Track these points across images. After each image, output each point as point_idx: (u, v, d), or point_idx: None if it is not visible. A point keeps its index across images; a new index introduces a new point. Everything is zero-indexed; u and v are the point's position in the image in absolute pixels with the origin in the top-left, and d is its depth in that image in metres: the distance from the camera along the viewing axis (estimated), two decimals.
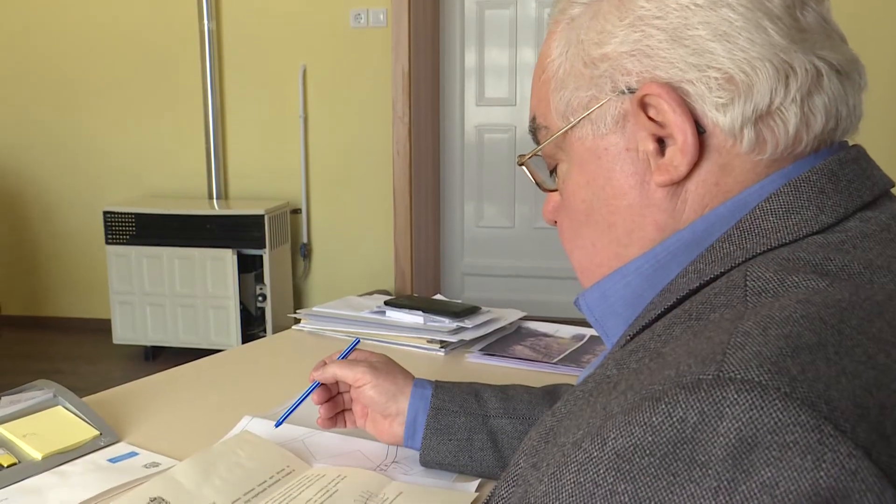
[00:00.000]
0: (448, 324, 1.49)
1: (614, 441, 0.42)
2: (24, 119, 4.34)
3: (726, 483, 0.39)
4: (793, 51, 0.56)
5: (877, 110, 3.38)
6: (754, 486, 0.38)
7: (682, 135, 0.56)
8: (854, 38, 0.62)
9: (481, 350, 1.46)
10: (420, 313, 1.52)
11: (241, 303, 3.80)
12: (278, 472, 0.98)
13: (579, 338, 1.53)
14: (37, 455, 1.01)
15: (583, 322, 1.04)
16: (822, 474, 0.37)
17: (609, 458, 0.42)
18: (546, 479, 0.46)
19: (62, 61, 4.25)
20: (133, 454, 1.05)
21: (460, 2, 4.25)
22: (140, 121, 4.24)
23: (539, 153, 0.68)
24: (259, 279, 3.88)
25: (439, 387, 1.01)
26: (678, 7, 0.56)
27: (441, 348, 1.46)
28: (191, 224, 3.79)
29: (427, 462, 1.00)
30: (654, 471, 0.40)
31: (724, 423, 0.39)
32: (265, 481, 0.96)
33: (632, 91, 0.58)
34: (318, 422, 1.05)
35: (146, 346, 3.95)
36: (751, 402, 0.39)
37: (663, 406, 0.41)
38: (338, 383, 1.06)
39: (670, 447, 0.40)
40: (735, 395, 0.40)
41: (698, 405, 0.40)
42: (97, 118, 4.27)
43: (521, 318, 1.63)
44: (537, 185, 0.72)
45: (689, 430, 0.40)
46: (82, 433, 1.07)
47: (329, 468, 1.01)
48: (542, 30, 4.03)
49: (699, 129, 0.56)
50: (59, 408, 1.12)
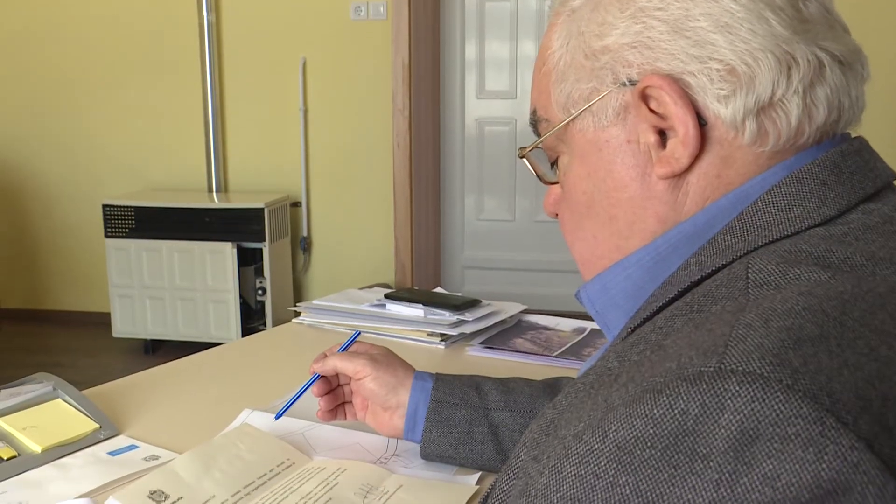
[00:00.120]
0: (448, 317, 1.49)
1: (615, 433, 0.42)
2: (23, 113, 4.33)
3: (728, 475, 0.39)
4: (795, 42, 0.55)
5: (879, 101, 3.37)
6: (756, 478, 0.38)
7: (683, 127, 0.56)
8: (857, 28, 0.62)
9: (482, 343, 1.46)
10: (420, 306, 1.52)
11: (240, 296, 3.81)
12: (278, 465, 0.98)
13: (580, 331, 1.53)
14: (36, 448, 1.02)
15: (583, 315, 1.04)
16: (823, 466, 0.37)
17: (610, 450, 0.42)
18: (547, 472, 0.46)
19: (61, 55, 4.25)
20: (133, 447, 1.05)
21: None
22: (139, 114, 4.23)
23: (540, 146, 0.68)
24: (259, 273, 3.88)
25: (440, 379, 1.01)
26: None
27: (441, 341, 1.46)
28: (190, 217, 3.79)
29: (427, 455, 1.00)
30: (656, 463, 0.40)
31: (726, 416, 0.39)
32: (265, 474, 0.96)
33: (633, 83, 0.58)
34: (318, 414, 1.05)
35: (146, 340, 3.95)
36: (752, 394, 0.39)
37: (665, 398, 0.41)
38: (338, 376, 1.06)
39: (672, 439, 0.40)
40: (737, 388, 0.40)
41: (700, 397, 0.40)
42: (96, 111, 4.26)
43: (522, 312, 1.63)
44: (538, 177, 0.72)
45: (691, 422, 0.40)
46: (82, 426, 1.07)
47: (329, 461, 1.01)
48: (543, 22, 4.02)
49: (701, 121, 0.56)
50: (59, 401, 1.12)
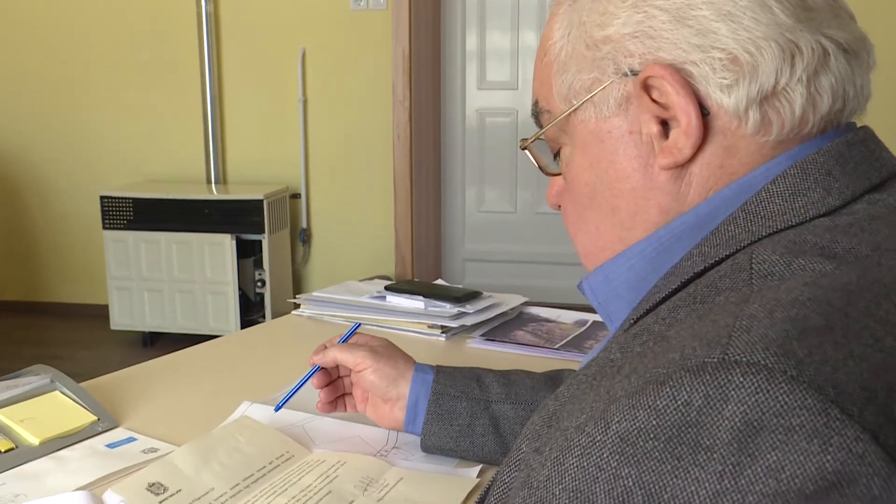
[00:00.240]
0: (449, 309, 1.49)
1: (618, 425, 0.42)
2: (20, 104, 4.32)
3: (731, 467, 0.39)
4: (798, 30, 0.55)
5: (886, 90, 3.35)
6: (760, 469, 0.38)
7: (685, 117, 0.56)
8: (863, 16, 0.62)
9: (483, 335, 1.46)
10: (421, 298, 1.52)
11: (239, 288, 3.80)
12: (278, 458, 0.99)
13: (582, 323, 1.53)
14: (34, 440, 1.02)
15: (585, 308, 1.04)
16: (828, 458, 0.37)
17: (613, 441, 0.42)
18: (549, 464, 0.46)
19: (58, 46, 4.23)
20: (131, 439, 1.05)
21: None
22: (137, 105, 4.22)
23: (542, 137, 0.68)
24: (258, 264, 3.88)
25: (440, 371, 1.01)
26: None
27: (442, 333, 1.46)
28: (189, 209, 3.79)
29: (428, 447, 1.00)
30: (659, 454, 0.40)
31: (730, 407, 0.39)
32: (265, 467, 0.96)
33: (634, 73, 0.58)
34: (318, 406, 1.05)
35: (144, 332, 3.95)
36: (756, 385, 0.39)
37: (668, 389, 0.41)
38: (338, 367, 1.06)
39: (675, 431, 0.40)
40: (740, 379, 0.40)
41: (703, 388, 0.40)
42: (94, 103, 4.25)
43: (523, 304, 1.62)
44: (540, 169, 0.72)
45: (694, 413, 0.40)
46: (80, 418, 1.07)
47: (329, 453, 1.01)
48: (545, 12, 4.02)
49: (703, 111, 0.56)
50: (57, 393, 1.12)
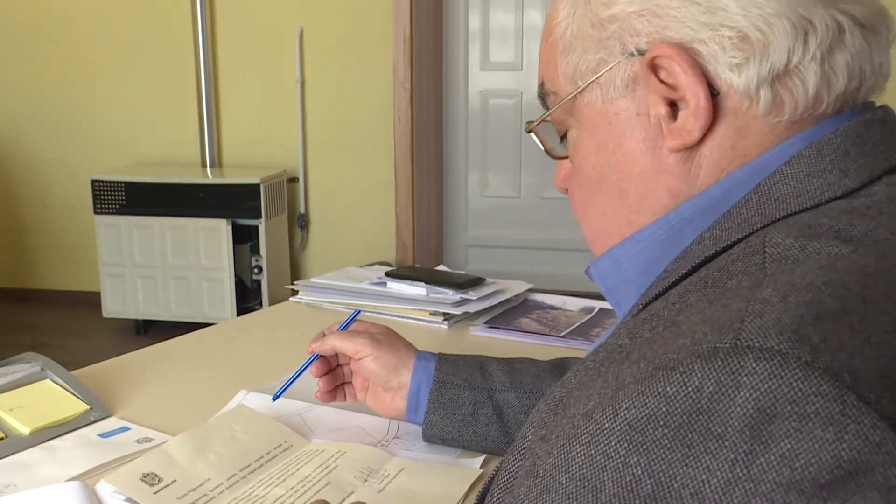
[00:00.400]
0: (451, 295, 1.49)
1: (627, 412, 0.42)
2: (8, 85, 4.31)
3: (744, 455, 0.39)
4: (812, 5, 0.55)
5: None
6: (773, 458, 0.38)
7: (694, 98, 0.56)
8: None
9: (486, 323, 1.46)
10: (422, 284, 1.52)
11: (235, 275, 3.81)
12: (276, 448, 0.99)
13: (588, 310, 1.53)
14: (24, 430, 1.02)
15: (592, 295, 1.04)
16: (844, 446, 0.37)
17: (621, 429, 0.42)
18: (555, 452, 0.46)
19: (48, 24, 4.22)
20: (125, 429, 1.05)
21: None
22: (129, 85, 4.22)
23: (548, 119, 0.68)
24: (255, 250, 3.88)
25: (443, 359, 1.01)
26: None
27: (444, 321, 1.46)
28: (183, 193, 3.79)
29: (430, 437, 1.00)
30: (669, 442, 0.40)
31: (742, 393, 0.39)
32: (262, 457, 0.97)
33: (641, 53, 0.58)
34: (317, 395, 1.05)
35: (137, 320, 3.96)
36: (770, 371, 0.39)
37: (678, 375, 0.41)
38: (337, 356, 1.06)
39: (685, 418, 0.40)
40: (753, 364, 0.40)
41: (715, 374, 0.40)
42: (85, 82, 4.25)
43: (528, 290, 1.63)
44: (546, 152, 0.71)
45: (705, 400, 0.40)
46: (72, 407, 1.08)
47: (328, 443, 1.01)
48: None
49: (713, 92, 0.56)
50: (48, 381, 1.13)
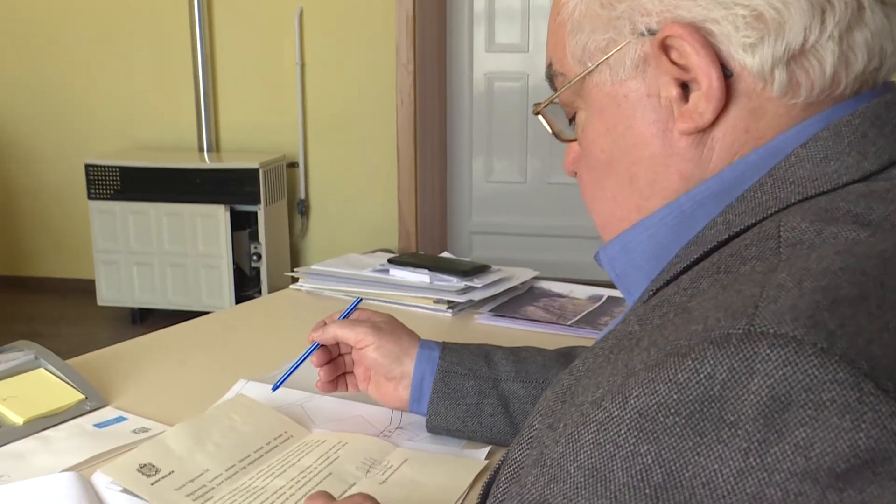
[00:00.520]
0: (456, 283, 1.49)
1: (637, 399, 0.42)
2: (1, 68, 4.31)
3: (757, 444, 0.39)
4: None
5: None
6: (787, 447, 0.38)
7: (706, 79, 0.55)
8: None
9: (491, 311, 1.46)
10: (426, 272, 1.52)
11: (234, 262, 3.81)
12: (275, 438, 0.99)
13: (596, 298, 1.53)
14: (18, 420, 1.02)
15: (600, 282, 1.04)
16: (861, 435, 0.37)
17: (631, 417, 0.42)
18: (563, 440, 0.46)
19: (41, 5, 4.22)
20: (121, 419, 1.06)
21: None
22: (124, 67, 4.21)
23: (556, 101, 0.67)
24: (253, 237, 3.88)
25: (447, 348, 1.01)
26: None
27: (448, 309, 1.46)
28: (180, 178, 3.78)
29: (434, 428, 1.00)
30: (680, 431, 0.40)
31: (756, 381, 0.39)
32: (262, 447, 0.97)
33: (652, 33, 0.57)
34: (318, 385, 1.05)
35: (133, 308, 3.96)
36: (784, 357, 0.39)
37: (690, 362, 0.41)
38: (338, 345, 1.06)
39: (697, 405, 0.40)
40: (767, 351, 0.40)
41: (728, 361, 0.40)
42: (78, 64, 4.24)
43: (534, 278, 1.62)
44: (554, 135, 0.71)
45: (718, 387, 0.40)
46: (66, 397, 1.08)
47: (329, 434, 1.01)
48: None
49: (726, 73, 0.55)
50: (42, 370, 1.13)
